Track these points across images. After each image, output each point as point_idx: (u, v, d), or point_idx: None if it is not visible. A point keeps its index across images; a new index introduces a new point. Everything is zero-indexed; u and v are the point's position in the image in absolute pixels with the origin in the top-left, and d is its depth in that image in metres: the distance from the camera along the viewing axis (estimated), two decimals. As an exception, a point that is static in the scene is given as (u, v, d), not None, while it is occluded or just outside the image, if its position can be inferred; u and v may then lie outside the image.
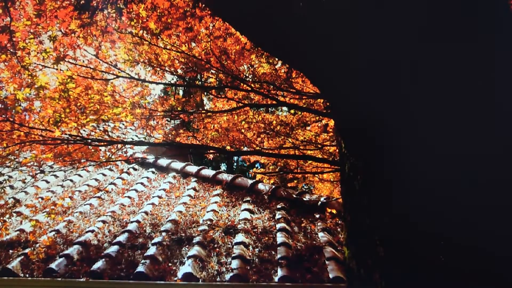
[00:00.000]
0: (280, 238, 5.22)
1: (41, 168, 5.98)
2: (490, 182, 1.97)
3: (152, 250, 5.00)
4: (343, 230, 2.65)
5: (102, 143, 5.52)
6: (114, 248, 5.17)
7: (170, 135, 7.85)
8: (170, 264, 4.82)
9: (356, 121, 2.48)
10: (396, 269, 2.03)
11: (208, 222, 5.76)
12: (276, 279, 4.47)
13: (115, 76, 5.79)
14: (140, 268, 4.66)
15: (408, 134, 2.16)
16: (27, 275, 4.87)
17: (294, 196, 6.61)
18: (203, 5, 4.97)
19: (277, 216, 5.93)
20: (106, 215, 6.26)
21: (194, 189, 7.37)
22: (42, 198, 7.25)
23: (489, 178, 1.97)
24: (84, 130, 5.87)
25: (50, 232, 5.81)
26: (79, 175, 8.39)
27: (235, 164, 25.66)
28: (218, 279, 4.53)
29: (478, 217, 1.93)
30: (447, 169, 2.02)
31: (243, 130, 7.54)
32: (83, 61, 5.66)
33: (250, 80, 6.22)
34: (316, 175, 9.14)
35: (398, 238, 2.06)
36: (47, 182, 8.07)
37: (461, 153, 2.02)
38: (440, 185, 2.02)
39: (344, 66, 2.51)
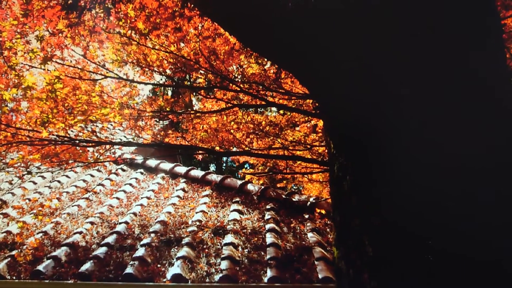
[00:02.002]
0: (269, 238, 5.22)
1: (28, 169, 5.91)
2: (482, 183, 1.98)
3: (140, 251, 4.98)
4: (332, 231, 2.65)
5: (90, 144, 5.48)
6: (103, 249, 5.13)
7: (158, 136, 7.83)
8: (159, 265, 4.80)
9: (345, 121, 2.49)
10: (385, 269, 2.03)
11: (197, 223, 5.74)
12: (265, 279, 4.47)
13: (103, 77, 5.75)
14: (129, 270, 4.63)
15: (398, 134, 2.17)
16: (14, 277, 4.82)
17: (284, 196, 6.62)
18: (192, 6, 4.96)
19: (267, 217, 5.93)
20: (94, 217, 6.21)
21: (183, 190, 7.35)
22: (29, 200, 7.19)
23: (480, 180, 1.99)
24: (72, 131, 5.83)
25: (38, 233, 5.75)
26: (67, 176, 8.32)
27: (224, 164, 25.65)
28: (207, 280, 4.52)
29: (467, 219, 1.94)
30: (437, 170, 2.03)
31: (232, 131, 7.53)
32: (71, 61, 5.63)
33: (239, 80, 6.22)
34: (305, 176, 9.15)
35: (387, 238, 2.07)
36: (35, 183, 8.00)
37: (451, 154, 2.03)
38: (429, 186, 2.03)
39: (334, 66, 2.51)
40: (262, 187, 7.00)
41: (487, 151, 2.02)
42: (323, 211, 6.05)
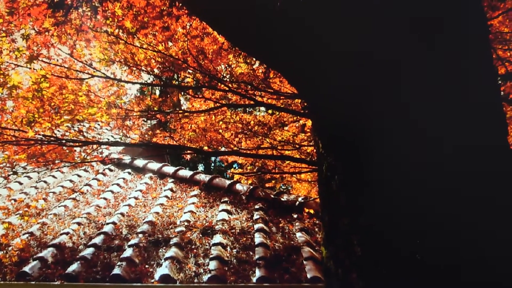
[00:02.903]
0: (258, 238, 5.21)
1: (14, 169, 5.84)
2: (472, 182, 2.00)
3: (128, 252, 4.94)
4: (321, 230, 2.65)
5: (77, 144, 5.43)
6: (90, 250, 5.09)
7: (146, 136, 7.78)
8: (147, 266, 4.77)
9: (334, 121, 2.49)
10: (373, 269, 2.04)
11: (186, 223, 5.72)
12: (254, 279, 4.46)
13: (90, 76, 5.70)
14: (116, 271, 4.59)
15: (387, 134, 2.17)
16: (-1, 279, 4.77)
17: (272, 196, 6.61)
18: (180, 4, 4.93)
19: (255, 217, 5.93)
20: (81, 217, 6.16)
21: (171, 190, 7.32)
22: (15, 200, 7.10)
23: (470, 178, 2.00)
24: (58, 131, 5.76)
25: (24, 234, 5.68)
26: (54, 177, 8.24)
27: (212, 164, 25.61)
28: (195, 280, 4.50)
29: (455, 219, 1.95)
30: (426, 169, 2.04)
31: (220, 131, 7.52)
32: (57, 60, 5.57)
33: (228, 80, 6.21)
34: (294, 175, 9.17)
35: (376, 238, 2.07)
36: (20, 183, 7.91)
37: (442, 155, 2.04)
38: (418, 185, 2.04)
39: (323, 66, 2.51)
40: (251, 187, 6.99)
41: (479, 153, 2.03)
42: (311, 211, 6.06)
